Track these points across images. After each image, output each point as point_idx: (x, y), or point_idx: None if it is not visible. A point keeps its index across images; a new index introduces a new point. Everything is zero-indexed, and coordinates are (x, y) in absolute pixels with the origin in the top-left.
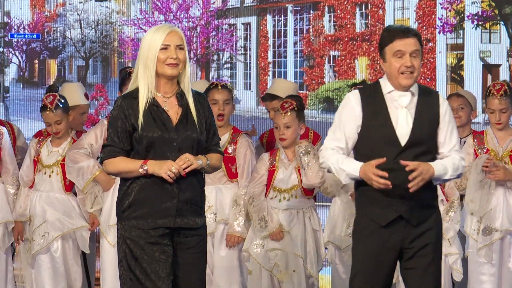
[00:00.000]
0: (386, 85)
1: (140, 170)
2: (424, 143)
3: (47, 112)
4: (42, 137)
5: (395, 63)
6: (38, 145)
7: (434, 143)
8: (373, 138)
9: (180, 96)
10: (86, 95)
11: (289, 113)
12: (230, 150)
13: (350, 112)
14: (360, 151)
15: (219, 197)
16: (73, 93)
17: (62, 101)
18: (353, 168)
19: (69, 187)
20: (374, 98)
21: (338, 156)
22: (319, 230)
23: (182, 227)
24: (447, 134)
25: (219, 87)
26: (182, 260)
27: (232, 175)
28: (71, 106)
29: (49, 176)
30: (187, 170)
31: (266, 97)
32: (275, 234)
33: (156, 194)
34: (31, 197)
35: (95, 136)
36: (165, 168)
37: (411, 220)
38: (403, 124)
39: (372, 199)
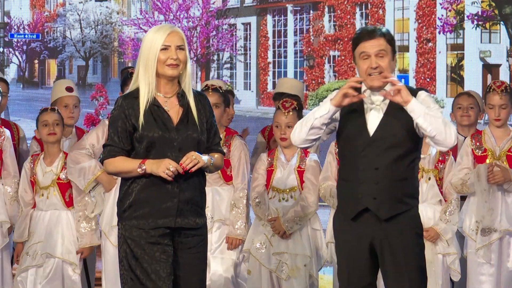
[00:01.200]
0: (363, 85)
1: (138, 169)
2: (394, 137)
3: (48, 111)
4: (35, 156)
5: (362, 65)
6: (32, 165)
7: (407, 139)
8: (348, 131)
9: (181, 96)
10: (68, 88)
11: (291, 113)
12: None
13: None
14: (338, 147)
15: (216, 199)
16: (55, 89)
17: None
18: (323, 105)
19: (70, 202)
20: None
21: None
22: (319, 229)
23: (182, 227)
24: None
25: (210, 90)
26: (182, 260)
27: (228, 178)
28: (54, 101)
29: (47, 197)
30: (193, 169)
31: (276, 97)
32: (277, 228)
33: (156, 194)
34: (35, 217)
35: (97, 137)
36: (163, 167)
37: (379, 213)
38: (373, 118)
39: (344, 193)
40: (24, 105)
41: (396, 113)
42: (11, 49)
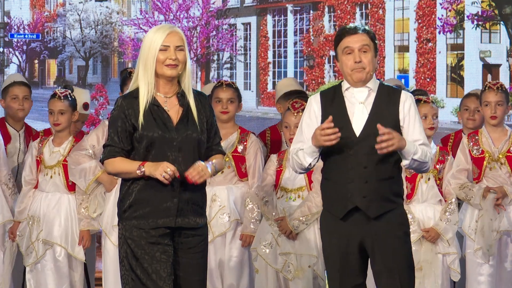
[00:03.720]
0: (344, 84)
1: (138, 171)
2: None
3: (55, 99)
4: (43, 137)
5: (346, 60)
6: (40, 145)
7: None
8: None
9: (181, 96)
10: (85, 105)
11: (301, 113)
12: (239, 149)
13: (311, 114)
14: (324, 149)
15: (231, 197)
16: (80, 96)
17: (73, 97)
18: (307, 145)
19: (72, 186)
20: (333, 97)
21: (295, 148)
22: None
23: (182, 227)
24: (409, 131)
25: (224, 86)
26: (183, 260)
27: (242, 175)
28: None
29: (51, 177)
30: (200, 181)
31: (291, 93)
32: (284, 228)
33: (157, 194)
34: (37, 198)
35: (97, 137)
36: (160, 170)
37: (368, 211)
38: (358, 117)
39: (331, 193)
40: None
41: (381, 112)
42: (11, 49)
